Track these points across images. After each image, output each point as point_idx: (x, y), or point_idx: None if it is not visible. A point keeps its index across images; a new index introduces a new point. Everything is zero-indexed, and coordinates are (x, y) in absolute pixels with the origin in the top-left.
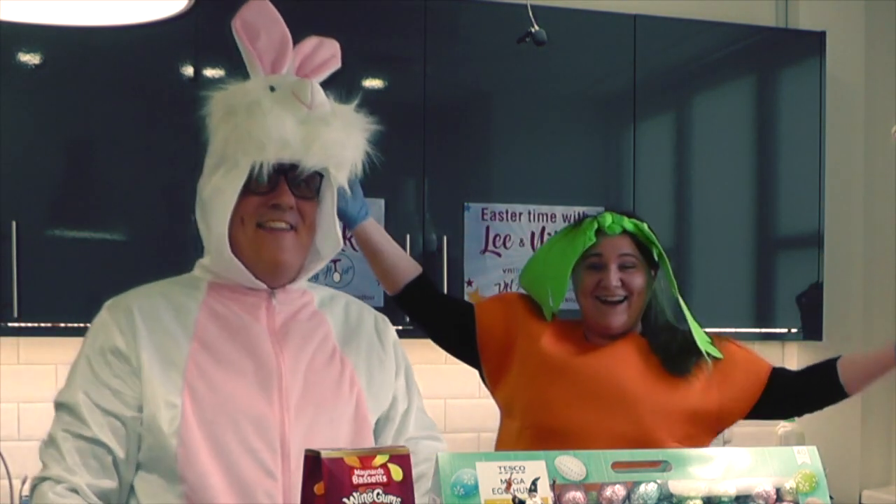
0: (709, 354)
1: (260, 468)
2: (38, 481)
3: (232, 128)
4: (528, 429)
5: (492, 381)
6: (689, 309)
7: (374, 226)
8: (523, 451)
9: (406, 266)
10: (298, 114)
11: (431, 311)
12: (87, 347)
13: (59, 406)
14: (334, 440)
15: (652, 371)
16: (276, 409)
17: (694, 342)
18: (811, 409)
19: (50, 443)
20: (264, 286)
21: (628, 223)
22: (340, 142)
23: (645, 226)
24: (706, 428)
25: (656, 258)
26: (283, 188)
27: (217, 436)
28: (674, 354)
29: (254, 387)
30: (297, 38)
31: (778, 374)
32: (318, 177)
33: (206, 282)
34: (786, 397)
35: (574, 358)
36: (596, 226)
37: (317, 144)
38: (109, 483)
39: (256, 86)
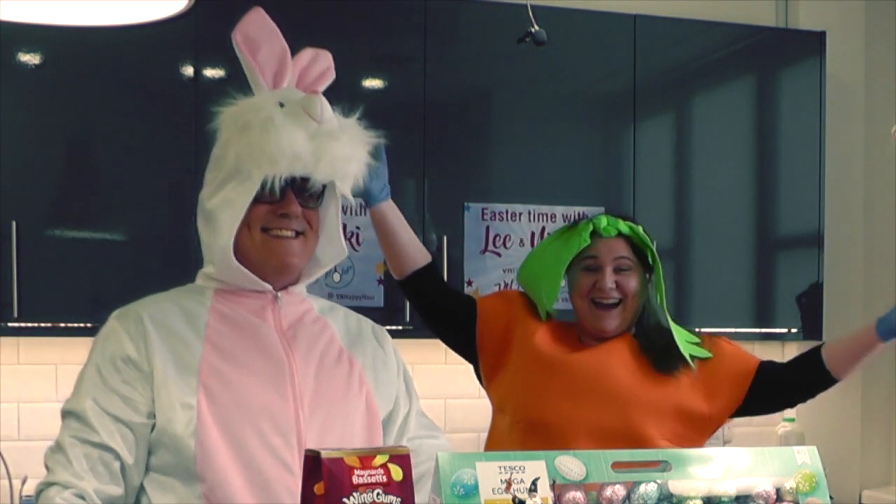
0: (693, 357)
1: (280, 464)
2: (44, 486)
3: (246, 143)
4: (519, 423)
5: (487, 376)
6: (685, 309)
7: (392, 207)
8: (517, 446)
9: (417, 253)
10: (309, 129)
11: (435, 300)
12: (95, 356)
13: (67, 414)
14: (349, 437)
15: (642, 370)
16: (291, 406)
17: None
18: (802, 399)
19: (57, 449)
20: (270, 287)
21: (623, 226)
22: (347, 156)
23: (640, 228)
24: (696, 428)
25: (651, 262)
26: (291, 198)
27: (235, 433)
28: (661, 353)
29: (268, 385)
30: (299, 38)
31: (765, 369)
32: (322, 186)
33: (212, 289)
34: (775, 391)
35: (566, 355)
36: (591, 227)
37: (326, 159)
38: (116, 489)
39: (266, 102)
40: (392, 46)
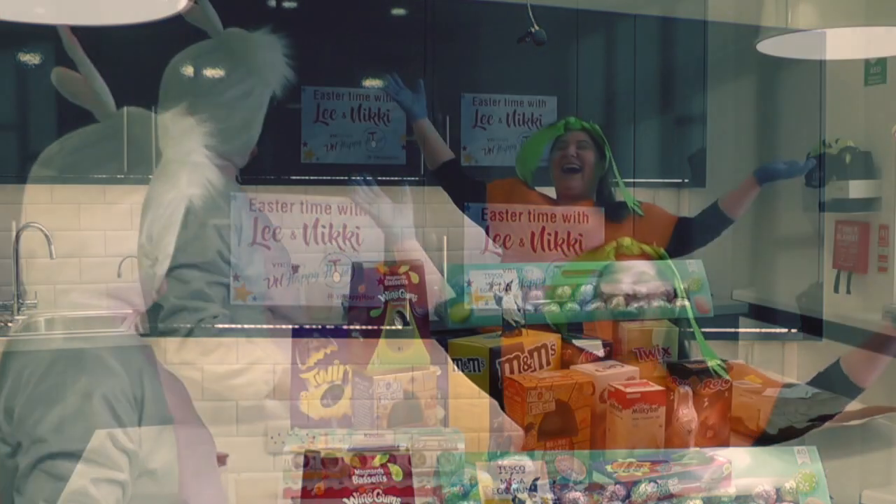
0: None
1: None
2: None
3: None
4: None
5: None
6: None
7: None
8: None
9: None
10: None
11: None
12: (95, 388)
13: (69, 455)
14: None
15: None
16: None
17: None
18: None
19: (80, 497)
20: None
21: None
22: None
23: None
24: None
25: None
26: None
27: (206, 462)
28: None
29: (189, 405)
30: (300, 38)
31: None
32: None
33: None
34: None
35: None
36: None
37: None
38: None
39: None
40: (392, 46)
